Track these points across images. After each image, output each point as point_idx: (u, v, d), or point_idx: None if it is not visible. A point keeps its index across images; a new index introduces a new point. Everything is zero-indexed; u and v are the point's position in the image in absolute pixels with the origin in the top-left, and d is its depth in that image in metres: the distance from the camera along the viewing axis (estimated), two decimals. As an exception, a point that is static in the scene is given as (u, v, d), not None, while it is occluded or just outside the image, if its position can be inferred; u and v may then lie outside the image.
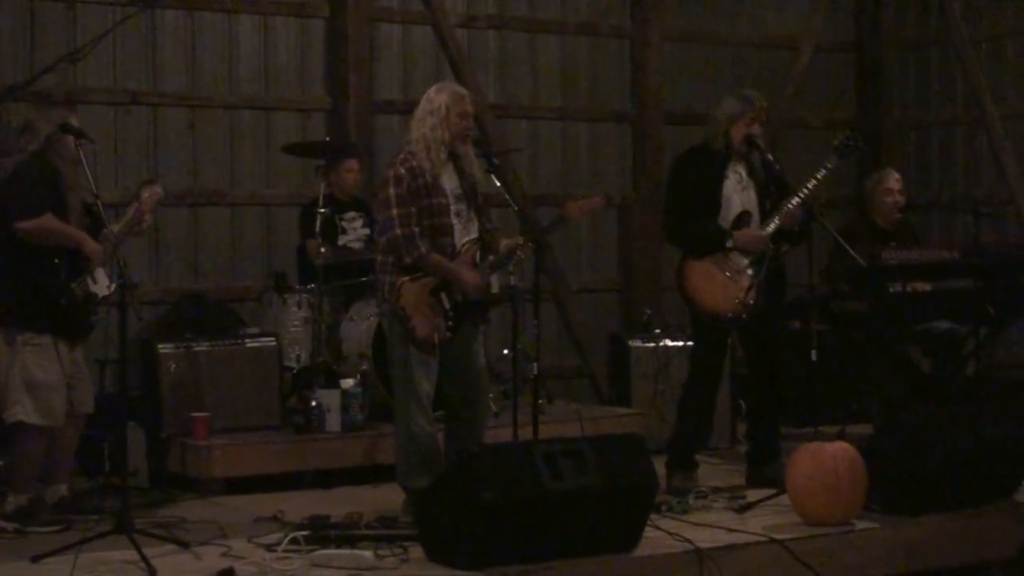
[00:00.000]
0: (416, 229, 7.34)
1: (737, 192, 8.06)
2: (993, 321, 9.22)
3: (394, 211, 7.34)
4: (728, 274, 8.00)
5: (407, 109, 10.52)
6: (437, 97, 7.53)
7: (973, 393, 9.38)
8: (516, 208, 8.37)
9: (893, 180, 9.60)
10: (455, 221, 7.49)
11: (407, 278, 7.39)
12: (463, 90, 7.72)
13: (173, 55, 9.98)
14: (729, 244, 7.98)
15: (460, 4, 11.06)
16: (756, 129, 8.03)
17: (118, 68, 9.78)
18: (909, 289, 8.77)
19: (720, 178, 8.03)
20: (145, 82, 9.87)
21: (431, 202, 7.40)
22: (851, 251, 8.30)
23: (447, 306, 7.43)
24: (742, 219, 8.02)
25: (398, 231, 7.34)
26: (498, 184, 7.99)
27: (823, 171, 8.09)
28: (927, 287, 8.90)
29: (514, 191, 9.50)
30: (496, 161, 8.32)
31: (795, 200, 7.94)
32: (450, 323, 7.45)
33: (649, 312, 10.51)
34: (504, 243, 7.65)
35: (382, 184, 7.49)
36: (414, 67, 10.84)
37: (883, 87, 12.64)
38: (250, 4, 10.21)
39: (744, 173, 8.09)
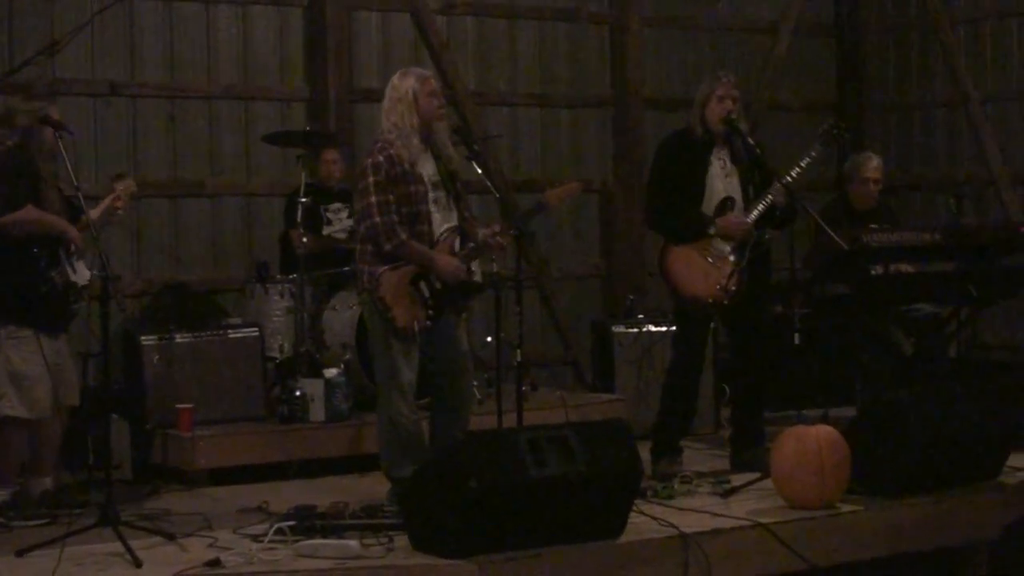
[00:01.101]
0: (395, 217, 7.33)
1: (720, 178, 8.07)
2: (975, 302, 9.24)
3: (373, 199, 7.33)
4: (710, 260, 8.02)
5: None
6: (402, 83, 7.52)
7: (956, 375, 9.40)
8: (497, 195, 8.39)
9: (871, 168, 9.59)
10: (433, 208, 7.48)
11: (386, 267, 7.38)
12: (426, 71, 7.72)
13: (152, 46, 9.95)
14: (712, 231, 7.99)
15: (439, -9, 11.06)
16: (729, 106, 8.00)
17: (97, 59, 9.75)
18: (891, 271, 8.79)
19: (704, 164, 8.04)
20: (124, 73, 9.84)
21: (409, 190, 7.38)
22: (833, 234, 8.29)
23: (426, 295, 7.43)
24: (725, 205, 8.04)
25: (377, 219, 7.32)
26: (479, 171, 8.00)
27: (807, 159, 8.11)
28: (909, 269, 8.92)
29: (495, 178, 9.49)
30: (476, 148, 8.31)
31: (777, 188, 7.95)
32: (430, 312, 7.44)
33: (632, 298, 10.52)
34: (482, 232, 7.64)
35: (361, 173, 7.47)
36: (393, 55, 10.81)
37: (863, 70, 12.66)
38: (228, -7, 10.20)
39: (728, 159, 8.09)
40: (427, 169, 7.49)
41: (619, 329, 10.00)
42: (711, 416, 9.81)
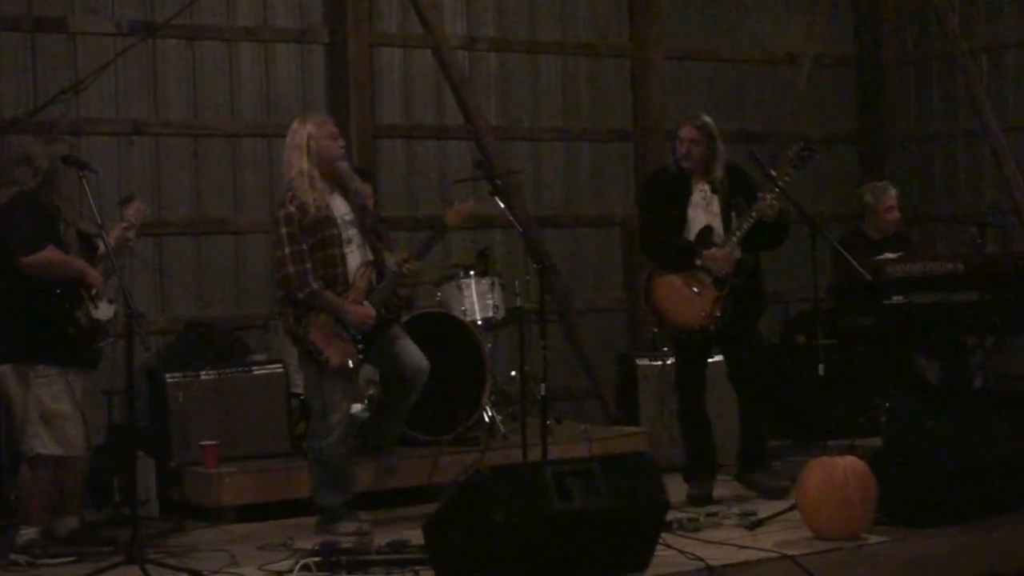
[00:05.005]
0: (308, 266, 7.61)
1: (702, 207, 8.39)
2: (999, 332, 9.20)
3: (286, 250, 7.61)
4: (695, 289, 8.31)
5: (409, 133, 10.62)
6: (301, 130, 7.79)
7: (982, 404, 9.36)
8: (520, 230, 8.41)
9: (891, 197, 9.63)
10: (347, 249, 7.75)
11: (311, 312, 7.68)
12: (323, 115, 8.04)
13: (175, 85, 9.99)
14: (699, 262, 8.27)
15: (460, 26, 11.07)
16: (681, 149, 8.37)
17: (120, 99, 9.79)
18: (914, 301, 8.77)
19: (683, 195, 8.37)
20: (147, 112, 9.88)
21: (323, 235, 7.67)
22: (856, 264, 8.33)
23: (354, 331, 7.72)
24: (703, 234, 8.33)
25: (290, 269, 7.61)
26: (501, 206, 8.04)
27: (781, 183, 8.32)
28: (932, 299, 8.90)
29: (517, 213, 9.50)
30: (499, 183, 8.38)
31: (760, 206, 8.20)
32: (360, 346, 7.73)
33: (655, 331, 10.49)
34: (389, 261, 7.89)
35: (274, 224, 7.74)
36: (415, 91, 10.84)
37: (884, 100, 12.65)
38: (250, 32, 10.22)
39: (708, 189, 8.38)
40: (339, 209, 7.77)
41: (643, 362, 10.01)
42: (734, 446, 9.75)
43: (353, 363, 7.72)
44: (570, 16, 11.57)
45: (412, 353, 7.98)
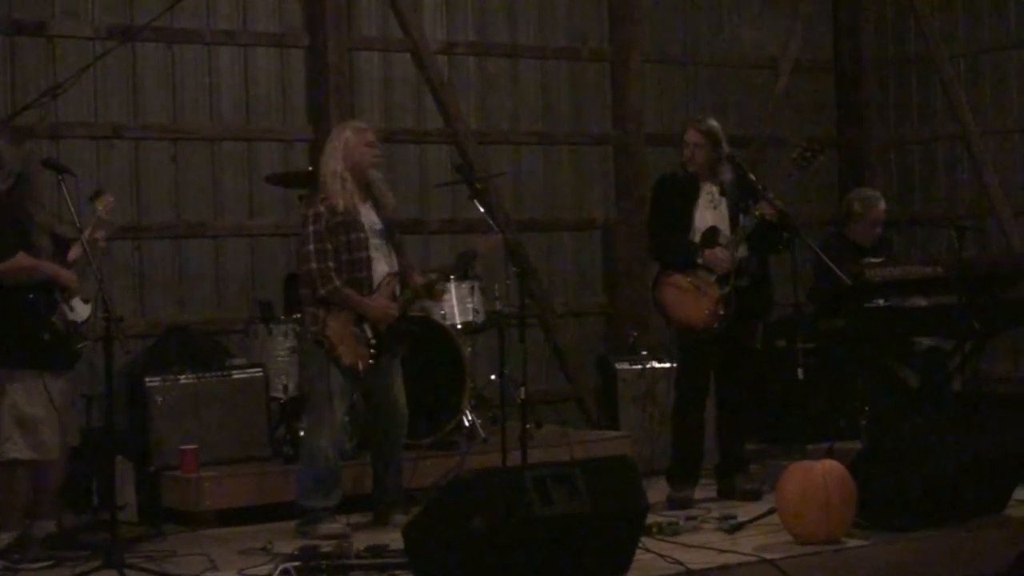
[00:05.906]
0: (331, 264, 7.74)
1: (709, 209, 8.44)
2: (978, 336, 9.23)
3: (311, 246, 7.76)
4: (700, 288, 8.33)
5: (389, 137, 10.60)
6: (340, 133, 8.02)
7: (961, 408, 9.39)
8: (500, 234, 8.41)
9: (880, 210, 9.64)
10: (375, 255, 7.87)
11: (329, 309, 7.77)
12: (364, 124, 8.23)
13: (154, 88, 9.96)
14: (700, 261, 8.31)
15: (440, 31, 11.06)
16: (688, 153, 8.47)
17: (99, 102, 9.77)
18: (894, 305, 8.79)
19: (691, 197, 8.45)
20: (127, 115, 9.85)
21: (349, 237, 7.80)
22: (835, 269, 8.35)
23: (369, 335, 7.82)
24: (709, 234, 8.38)
25: (313, 265, 7.74)
26: (481, 210, 8.05)
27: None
28: (912, 303, 8.91)
29: (497, 217, 9.49)
30: (479, 187, 8.40)
31: (753, 221, 8.26)
32: (372, 351, 7.79)
33: (635, 334, 10.52)
34: (420, 280, 8.03)
35: (302, 221, 7.89)
36: (395, 95, 10.83)
37: (863, 105, 12.68)
38: (229, 36, 10.20)
39: (716, 191, 8.44)
40: (369, 218, 7.91)
41: (623, 366, 10.01)
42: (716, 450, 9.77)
43: (363, 367, 7.79)
44: (549, 20, 11.57)
45: (403, 402, 8.09)
